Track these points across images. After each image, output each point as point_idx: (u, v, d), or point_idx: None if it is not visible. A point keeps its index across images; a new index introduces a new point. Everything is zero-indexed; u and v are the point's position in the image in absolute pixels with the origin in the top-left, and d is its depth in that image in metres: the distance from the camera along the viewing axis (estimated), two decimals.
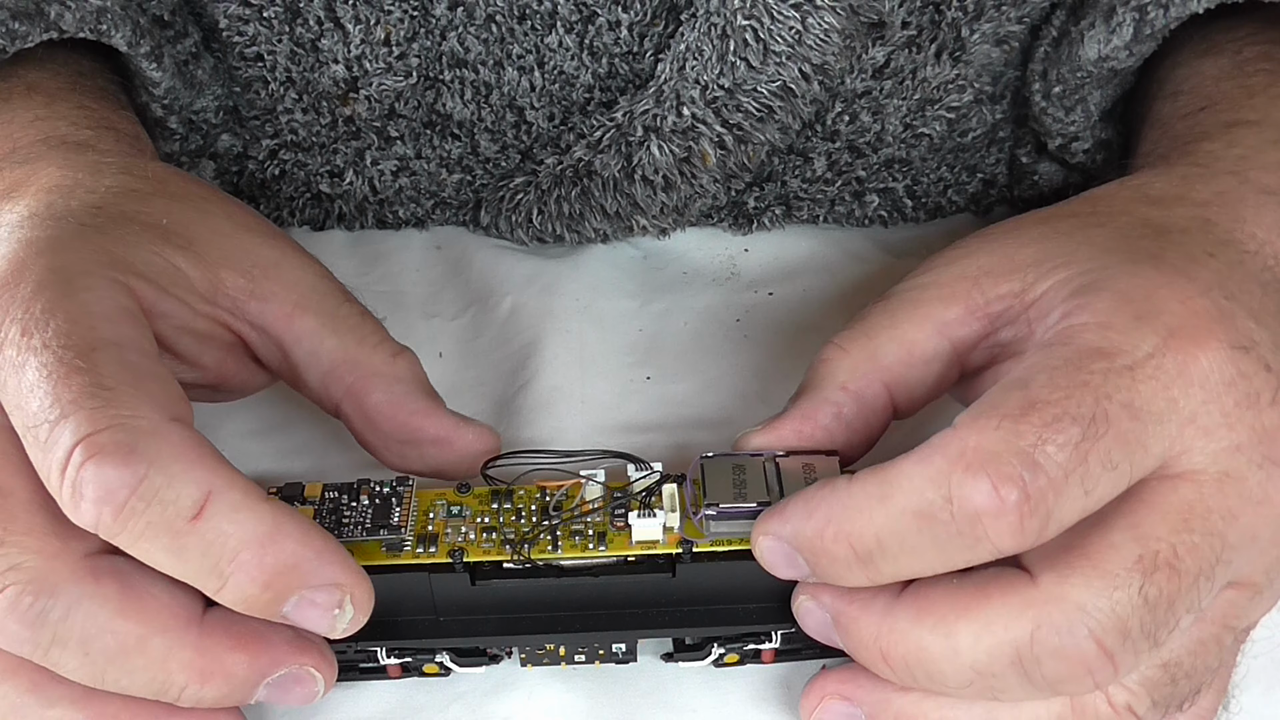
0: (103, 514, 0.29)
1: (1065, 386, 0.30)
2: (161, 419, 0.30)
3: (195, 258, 0.36)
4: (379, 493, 0.35)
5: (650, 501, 0.34)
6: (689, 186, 0.46)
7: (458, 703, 0.36)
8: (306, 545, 0.31)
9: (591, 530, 0.35)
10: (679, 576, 0.34)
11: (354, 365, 0.36)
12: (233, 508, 0.30)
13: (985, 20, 0.45)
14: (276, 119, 0.48)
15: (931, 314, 0.35)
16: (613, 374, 0.45)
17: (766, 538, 0.33)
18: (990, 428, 0.30)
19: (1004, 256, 0.35)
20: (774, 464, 0.35)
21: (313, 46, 0.45)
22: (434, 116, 0.47)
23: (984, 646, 0.30)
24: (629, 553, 0.34)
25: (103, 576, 0.31)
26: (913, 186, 0.51)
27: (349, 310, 0.37)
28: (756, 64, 0.43)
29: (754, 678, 0.36)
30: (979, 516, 0.29)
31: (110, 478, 0.29)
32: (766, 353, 0.46)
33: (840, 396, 0.36)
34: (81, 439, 0.29)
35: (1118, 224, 0.35)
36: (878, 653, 0.32)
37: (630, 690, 0.36)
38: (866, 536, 0.31)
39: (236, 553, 0.30)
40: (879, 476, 0.31)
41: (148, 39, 0.42)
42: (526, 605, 0.35)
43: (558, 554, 0.34)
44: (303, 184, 0.50)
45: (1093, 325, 0.32)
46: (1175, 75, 0.43)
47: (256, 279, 0.36)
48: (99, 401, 0.30)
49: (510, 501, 0.35)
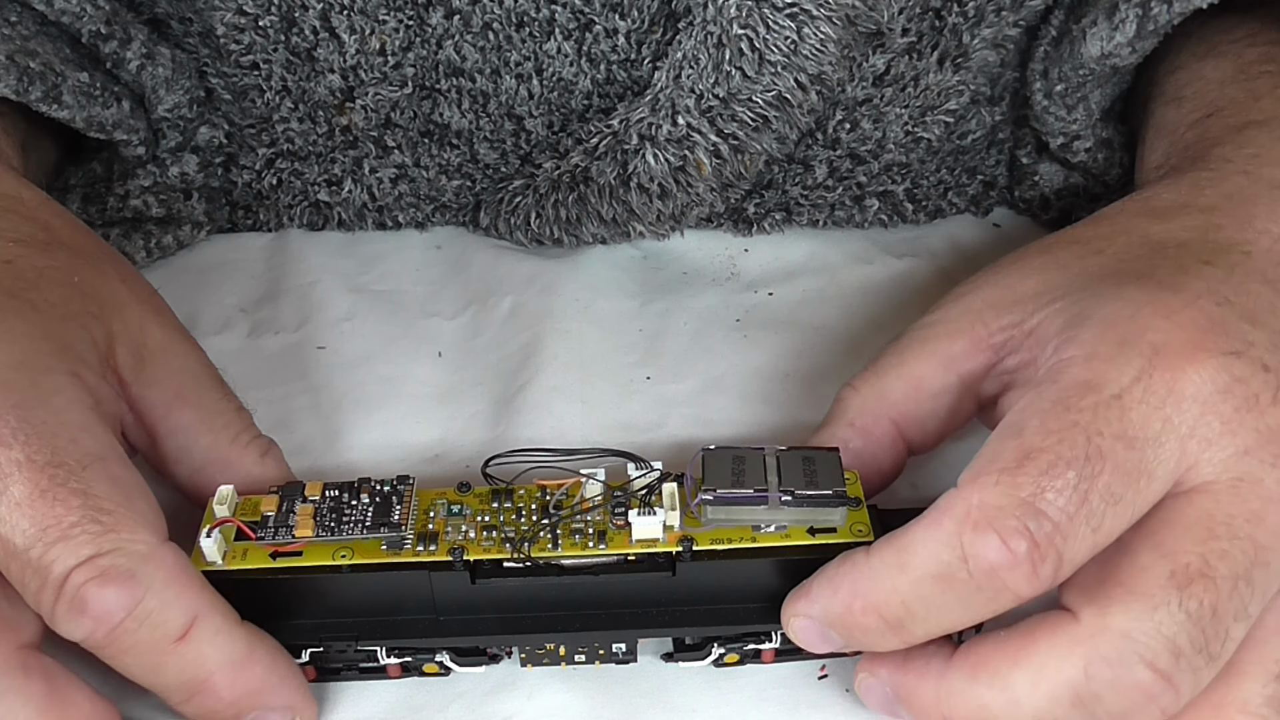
0: (97, 630, 0.31)
1: (1056, 430, 0.31)
2: (156, 542, 0.32)
3: (102, 329, 0.36)
4: (379, 491, 0.35)
5: (650, 500, 0.34)
6: (685, 195, 0.46)
7: (458, 702, 0.36)
8: (273, 671, 0.33)
9: (591, 529, 0.34)
10: (679, 575, 0.34)
11: (225, 466, 0.37)
12: (214, 632, 0.32)
13: (985, 25, 0.45)
14: (273, 128, 0.48)
15: (938, 350, 0.36)
16: (613, 374, 0.45)
17: (798, 619, 0.33)
18: (990, 484, 0.30)
19: (1005, 289, 0.36)
20: (775, 457, 0.35)
21: (308, 56, 0.45)
22: (431, 126, 0.48)
23: (1042, 692, 0.30)
24: (629, 551, 0.34)
25: (32, 673, 0.31)
26: (913, 189, 0.51)
27: (225, 405, 0.37)
28: (752, 73, 0.43)
29: (754, 678, 0.36)
30: (994, 571, 0.30)
31: (111, 599, 0.31)
32: (766, 353, 0.46)
33: (847, 433, 0.37)
34: (84, 561, 0.31)
35: (1115, 247, 0.36)
36: (940, 718, 0.32)
37: (630, 690, 0.36)
38: (893, 605, 0.31)
39: (211, 674, 0.32)
40: (894, 545, 0.31)
41: (39, 83, 0.41)
42: (526, 604, 0.35)
43: (558, 552, 0.34)
44: (300, 193, 0.50)
45: (1079, 358, 0.32)
46: (1176, 79, 0.44)
47: (144, 361, 0.36)
48: (101, 527, 0.31)
49: (510, 500, 0.35)
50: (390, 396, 0.45)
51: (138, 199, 0.47)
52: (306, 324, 0.47)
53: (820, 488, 0.34)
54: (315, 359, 0.46)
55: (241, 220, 0.51)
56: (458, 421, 0.44)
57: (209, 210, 0.50)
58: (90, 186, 0.48)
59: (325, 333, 0.47)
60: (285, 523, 0.35)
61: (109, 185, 0.47)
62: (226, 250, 0.51)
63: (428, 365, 0.46)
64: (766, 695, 0.36)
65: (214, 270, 0.50)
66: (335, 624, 0.35)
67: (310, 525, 0.34)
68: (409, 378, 0.45)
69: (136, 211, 0.48)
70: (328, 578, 0.34)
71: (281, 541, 0.34)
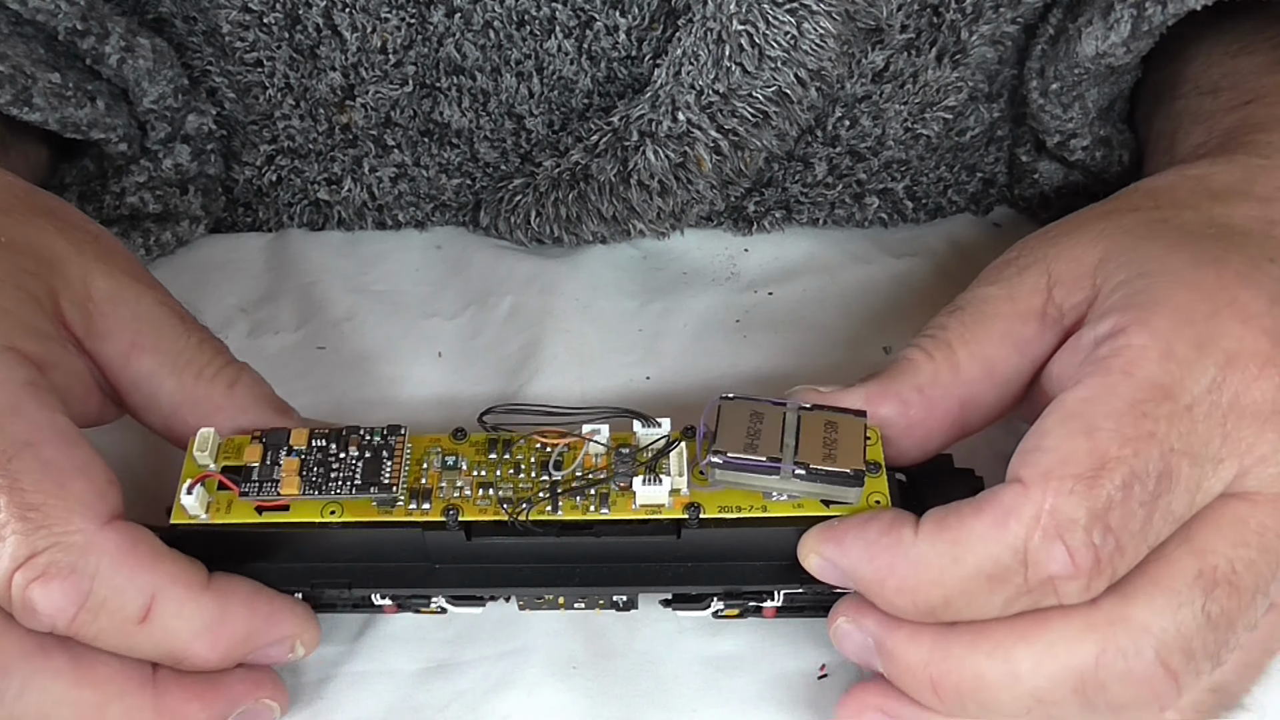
0: (56, 625, 0.31)
1: (1133, 438, 0.30)
2: (95, 528, 0.31)
3: (43, 286, 0.34)
4: (369, 443, 0.34)
5: (657, 466, 0.33)
6: (685, 192, 0.46)
7: (457, 701, 0.36)
8: (254, 614, 0.33)
9: (594, 490, 0.33)
10: (684, 539, 0.33)
11: (194, 405, 0.35)
12: (178, 605, 0.32)
13: (984, 22, 0.45)
14: (274, 124, 0.48)
15: (1010, 332, 0.35)
16: (613, 374, 0.45)
17: (820, 559, 0.32)
18: (1065, 490, 0.30)
19: (1073, 262, 0.35)
20: (795, 416, 0.33)
21: (311, 53, 0.45)
22: (431, 125, 0.48)
23: (1045, 672, 0.30)
24: (632, 516, 0.33)
25: (51, 650, 0.31)
26: (912, 187, 0.51)
27: (184, 342, 0.36)
28: (752, 69, 0.43)
29: (754, 678, 0.36)
30: (1052, 580, 0.30)
31: (56, 598, 0.30)
32: (766, 353, 0.46)
33: (913, 396, 0.34)
34: (21, 564, 0.30)
35: (1183, 219, 0.35)
36: (926, 680, 0.32)
37: (630, 690, 0.36)
38: (932, 594, 0.31)
39: (187, 644, 0.32)
40: (947, 535, 0.31)
41: (8, 86, 0.41)
42: (525, 559, 0.34)
43: (558, 516, 0.33)
44: (300, 191, 0.50)
45: (1154, 353, 0.31)
46: (1210, 73, 0.43)
47: (92, 315, 0.35)
48: (29, 525, 0.30)
49: (509, 453, 0.34)
50: (390, 396, 0.45)
51: (134, 196, 0.47)
52: (306, 324, 0.47)
53: (838, 463, 0.32)
54: (315, 359, 0.46)
55: (241, 218, 0.51)
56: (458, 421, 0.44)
57: (206, 204, 0.49)
58: (85, 185, 0.48)
59: (325, 333, 0.47)
60: (270, 476, 0.33)
61: (104, 183, 0.47)
62: (226, 250, 0.51)
63: (428, 365, 0.46)
64: (766, 695, 0.36)
65: (214, 270, 0.50)
66: (328, 568, 0.34)
67: (296, 483, 0.33)
68: (409, 378, 0.45)
69: (133, 209, 0.48)
70: (317, 532, 0.33)
71: (267, 498, 0.33)
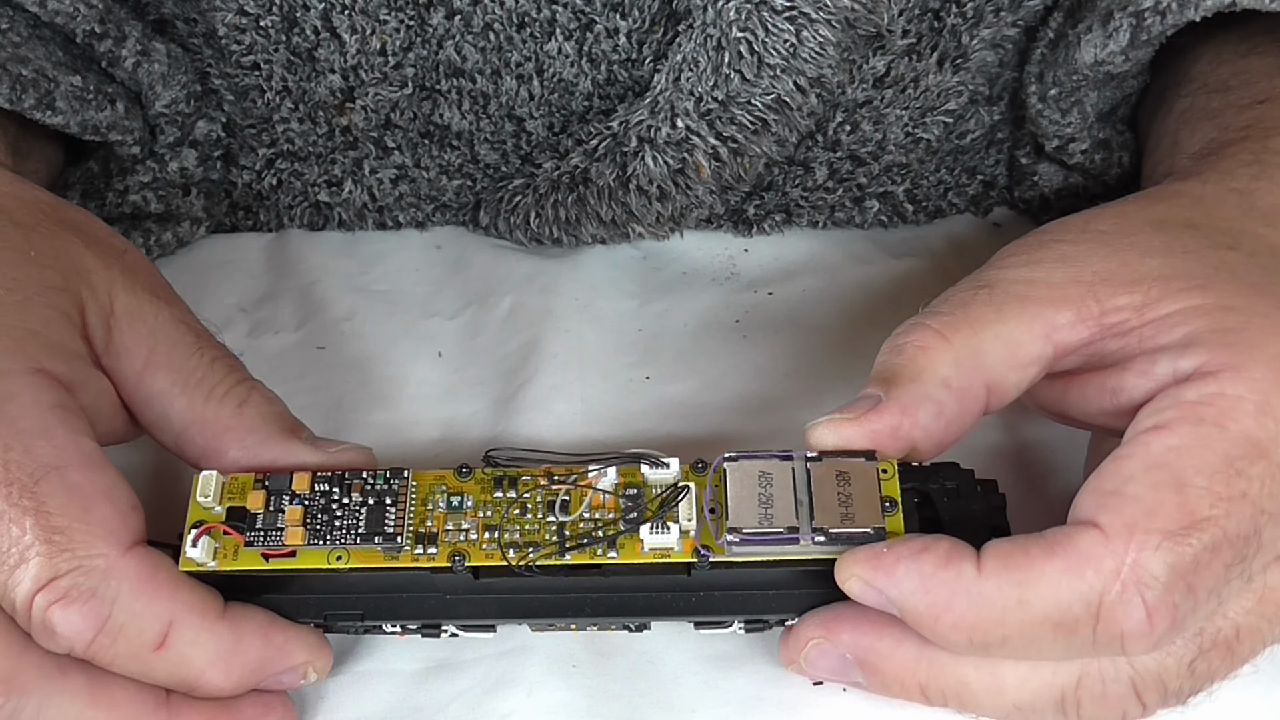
0: (74, 648, 0.31)
1: (1226, 498, 0.29)
2: (118, 553, 0.31)
3: (71, 300, 0.34)
4: (372, 489, 0.34)
5: (665, 515, 0.33)
6: (684, 197, 0.46)
7: (457, 701, 0.36)
8: (268, 644, 0.33)
9: (601, 532, 0.33)
10: (695, 577, 0.33)
11: (203, 426, 0.35)
12: (194, 633, 0.32)
13: (985, 26, 0.45)
14: (273, 128, 0.48)
15: (1041, 315, 0.33)
16: (612, 374, 0.45)
17: (861, 583, 0.31)
18: (1150, 546, 0.29)
19: (1123, 264, 0.33)
20: (805, 469, 0.32)
21: (309, 56, 0.45)
22: (431, 127, 0.48)
23: (1030, 688, 0.30)
24: (640, 560, 0.33)
25: (69, 672, 0.31)
26: (913, 190, 0.51)
27: (197, 361, 0.36)
28: (751, 76, 0.43)
29: (754, 678, 0.36)
30: (1123, 636, 0.29)
31: (76, 621, 0.30)
32: (766, 353, 0.46)
33: (944, 395, 0.33)
34: (42, 586, 0.30)
35: (1248, 249, 0.34)
36: (915, 686, 0.31)
37: (630, 690, 0.36)
38: (992, 635, 0.30)
39: (201, 672, 0.32)
40: (1014, 577, 0.29)
41: (31, 91, 0.41)
42: (535, 592, 0.34)
43: (565, 560, 0.33)
44: (300, 194, 0.50)
45: (1249, 404, 0.30)
46: (1219, 72, 0.43)
47: (111, 331, 0.35)
48: (53, 548, 0.30)
49: (515, 491, 0.34)
50: (390, 396, 0.45)
51: (136, 194, 0.47)
52: (306, 324, 0.47)
53: (857, 522, 0.31)
54: (315, 359, 0.46)
55: (241, 221, 0.51)
56: (458, 421, 0.44)
57: (208, 206, 0.49)
58: (89, 184, 0.48)
59: (325, 333, 0.47)
60: (274, 524, 0.33)
61: (107, 181, 0.47)
62: (226, 250, 0.51)
63: (428, 365, 0.46)
64: (766, 695, 0.36)
65: (214, 270, 0.50)
66: (340, 600, 0.34)
67: (300, 533, 0.33)
68: (409, 378, 0.45)
69: (135, 207, 0.48)
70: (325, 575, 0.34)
71: (271, 546, 0.33)
